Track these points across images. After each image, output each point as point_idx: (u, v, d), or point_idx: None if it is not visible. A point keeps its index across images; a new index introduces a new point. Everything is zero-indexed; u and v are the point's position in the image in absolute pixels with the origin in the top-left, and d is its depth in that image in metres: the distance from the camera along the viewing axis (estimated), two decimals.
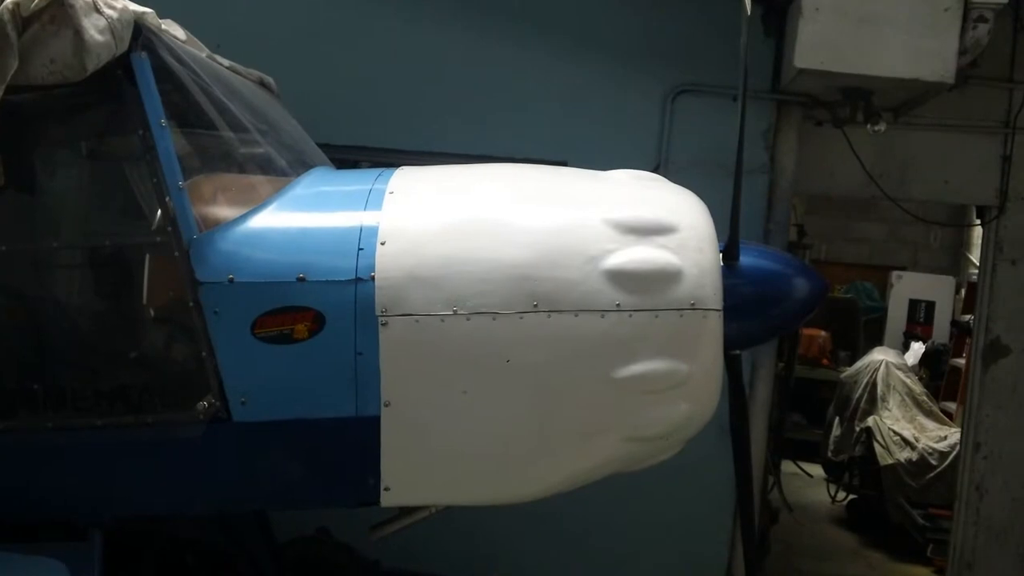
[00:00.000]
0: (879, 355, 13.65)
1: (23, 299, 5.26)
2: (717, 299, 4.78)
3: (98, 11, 4.37)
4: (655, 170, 6.81)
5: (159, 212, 4.72)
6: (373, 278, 4.61)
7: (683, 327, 4.75)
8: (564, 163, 7.48)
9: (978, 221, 9.38)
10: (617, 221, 4.83)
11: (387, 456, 4.71)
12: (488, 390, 4.70)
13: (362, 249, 4.68)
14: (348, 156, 7.67)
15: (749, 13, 5.38)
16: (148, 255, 4.96)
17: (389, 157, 7.57)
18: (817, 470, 14.51)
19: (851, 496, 13.84)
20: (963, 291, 16.64)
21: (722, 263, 4.94)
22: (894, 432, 12.22)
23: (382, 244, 4.68)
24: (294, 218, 4.98)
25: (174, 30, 5.18)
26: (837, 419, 13.67)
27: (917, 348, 16.12)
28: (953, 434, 12.05)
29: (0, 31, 4.19)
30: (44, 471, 4.79)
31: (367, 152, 8.19)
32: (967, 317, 12.78)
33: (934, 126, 8.96)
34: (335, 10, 8.64)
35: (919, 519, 12.04)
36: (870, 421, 12.71)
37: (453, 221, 4.88)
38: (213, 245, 4.67)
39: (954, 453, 11.33)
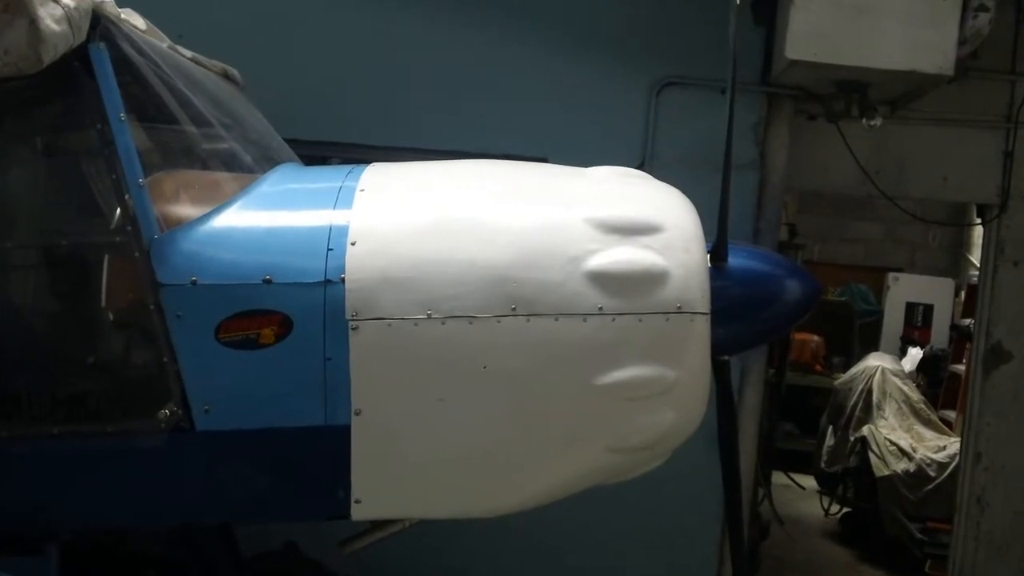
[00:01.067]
0: (875, 361, 13.71)
1: None
2: (705, 302, 4.81)
3: (54, 0, 4.38)
4: (640, 166, 6.88)
5: (118, 210, 4.69)
6: (343, 280, 4.63)
7: (669, 331, 4.78)
8: (544, 159, 7.51)
9: (979, 220, 9.42)
10: (600, 220, 4.85)
11: (358, 467, 4.72)
12: (464, 397, 4.72)
13: (331, 249, 4.69)
14: (319, 152, 7.68)
15: (739, 1, 5.42)
16: (107, 256, 4.94)
17: (362, 153, 7.58)
18: (810, 482, 14.57)
19: (845, 509, 13.89)
20: (963, 294, 16.71)
21: (710, 264, 4.97)
22: (890, 442, 12.28)
23: (352, 244, 4.70)
24: (260, 217, 4.98)
25: (134, 20, 5.18)
26: (831, 428, 13.72)
27: (915, 353, 16.18)
28: (952, 444, 12.10)
29: None
30: None
31: (338, 148, 8.20)
32: (967, 321, 12.84)
33: (932, 121, 9.01)
34: (305, 1, 8.68)
35: (917, 533, 12.09)
36: (865, 430, 12.76)
37: (427, 220, 4.88)
38: (175, 245, 4.67)
39: (953, 464, 11.39)
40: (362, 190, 4.98)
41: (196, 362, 4.62)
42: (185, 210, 4.95)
